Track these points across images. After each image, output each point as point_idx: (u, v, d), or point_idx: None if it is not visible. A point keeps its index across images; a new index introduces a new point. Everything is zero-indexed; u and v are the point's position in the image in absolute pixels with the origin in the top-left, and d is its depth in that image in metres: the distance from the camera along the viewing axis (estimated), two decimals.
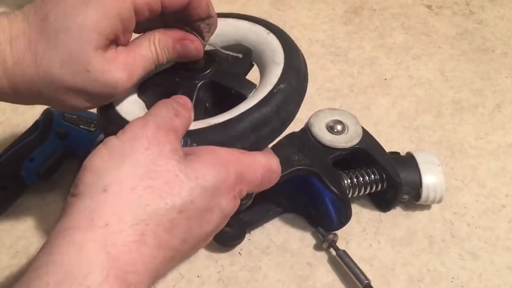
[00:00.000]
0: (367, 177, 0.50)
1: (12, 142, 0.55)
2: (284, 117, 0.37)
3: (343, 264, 0.47)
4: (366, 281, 0.45)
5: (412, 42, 0.76)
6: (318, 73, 0.71)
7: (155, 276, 0.28)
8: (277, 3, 0.84)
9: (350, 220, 0.49)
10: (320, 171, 0.47)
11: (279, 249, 0.50)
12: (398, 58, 0.73)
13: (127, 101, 0.39)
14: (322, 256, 0.50)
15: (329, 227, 0.50)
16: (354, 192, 0.50)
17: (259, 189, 0.35)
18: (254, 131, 0.35)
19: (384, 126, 0.63)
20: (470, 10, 0.82)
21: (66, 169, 0.57)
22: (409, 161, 0.51)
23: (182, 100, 0.35)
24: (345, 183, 0.49)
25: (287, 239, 0.51)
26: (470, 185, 0.56)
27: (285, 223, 0.52)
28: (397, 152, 0.54)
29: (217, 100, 0.41)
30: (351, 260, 0.47)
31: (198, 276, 0.48)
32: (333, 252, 0.49)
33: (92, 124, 0.56)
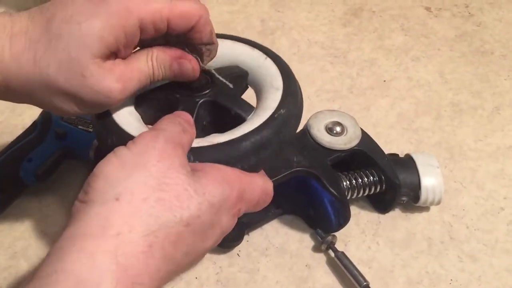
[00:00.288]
0: (366, 179, 0.50)
1: (10, 143, 0.55)
2: (282, 141, 0.39)
3: (341, 266, 0.47)
4: (365, 283, 0.45)
5: (411, 44, 0.76)
6: (317, 74, 0.71)
7: None
8: (276, 4, 0.84)
9: (349, 222, 0.49)
10: (319, 172, 0.47)
11: (278, 250, 0.50)
12: (397, 59, 0.73)
13: (124, 112, 0.40)
14: (321, 257, 0.50)
15: (328, 229, 0.50)
16: (353, 194, 0.50)
17: (254, 210, 0.36)
18: (254, 153, 0.36)
19: (383, 127, 0.63)
20: (469, 12, 0.82)
21: (65, 169, 0.57)
22: (408, 163, 0.51)
23: (186, 116, 0.35)
24: (344, 184, 0.49)
25: (286, 241, 0.51)
26: (469, 187, 0.56)
27: (284, 225, 0.52)
28: (396, 154, 0.54)
29: (215, 119, 0.42)
30: (350, 262, 0.47)
31: (196, 278, 0.48)
32: (332, 253, 0.48)
33: (90, 125, 0.56)
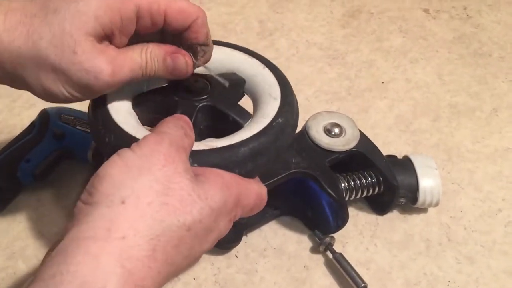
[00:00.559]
0: (364, 180, 0.50)
1: (8, 143, 0.55)
2: (279, 149, 0.39)
3: (339, 267, 0.47)
4: (363, 285, 0.45)
5: (409, 46, 0.76)
6: (316, 76, 0.71)
7: None
8: (275, 6, 0.84)
9: (347, 223, 0.49)
10: (317, 174, 0.47)
11: (276, 251, 0.50)
12: (395, 61, 0.74)
13: (123, 112, 0.40)
14: (319, 259, 0.50)
15: (326, 230, 0.50)
16: (351, 195, 0.50)
17: (249, 214, 0.36)
18: (252, 159, 0.37)
19: (382, 129, 0.63)
20: (467, 15, 0.83)
21: (63, 170, 0.57)
22: (406, 165, 0.51)
23: (186, 120, 0.35)
24: (342, 186, 0.49)
25: (284, 242, 0.51)
26: (467, 189, 0.56)
27: (282, 226, 0.52)
28: (394, 156, 0.54)
29: (212, 124, 0.42)
30: (348, 263, 0.47)
31: (194, 279, 0.48)
32: (330, 255, 0.48)
33: (88, 125, 0.55)
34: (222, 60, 0.45)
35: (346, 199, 0.50)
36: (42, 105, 0.61)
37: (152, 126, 0.34)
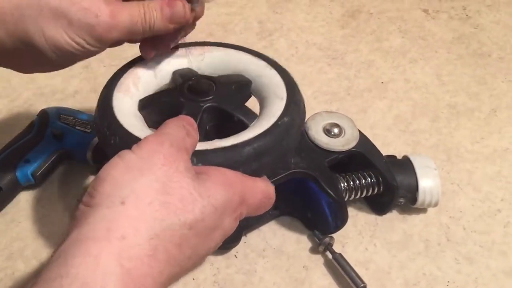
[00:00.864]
0: (363, 180, 0.50)
1: (7, 143, 0.55)
2: (285, 149, 0.39)
3: (339, 268, 0.47)
4: (362, 285, 0.45)
5: (408, 46, 0.76)
6: (315, 76, 0.71)
7: None
8: (274, 6, 0.84)
9: (347, 224, 0.49)
10: (316, 174, 0.47)
11: (275, 252, 0.50)
12: (394, 61, 0.74)
13: (129, 114, 0.41)
14: (318, 259, 0.50)
15: (325, 230, 0.50)
16: (351, 195, 0.50)
17: (255, 213, 0.36)
18: (257, 159, 0.37)
19: (381, 129, 0.63)
20: (467, 15, 0.83)
21: (62, 170, 0.57)
22: (405, 165, 0.52)
23: (190, 120, 0.35)
24: (341, 186, 0.49)
25: (283, 242, 0.51)
26: (466, 189, 0.56)
27: (281, 226, 0.52)
28: (394, 156, 0.54)
29: (217, 124, 0.43)
30: (347, 263, 0.47)
31: (193, 279, 0.48)
32: (329, 255, 0.48)
33: (88, 126, 0.55)
34: (228, 62, 0.46)
35: (346, 199, 0.50)
36: (41, 105, 0.61)
37: None
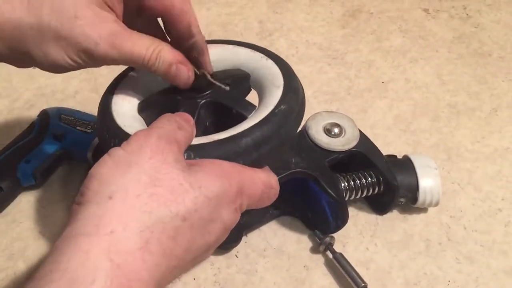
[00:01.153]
0: (364, 180, 0.50)
1: (8, 144, 0.55)
2: (284, 137, 0.39)
3: (339, 267, 0.47)
4: (362, 284, 0.45)
5: (409, 46, 0.76)
6: (315, 76, 0.71)
7: (159, 285, 0.28)
8: (274, 6, 0.84)
9: (347, 223, 0.49)
10: (317, 174, 0.47)
11: (276, 251, 0.50)
12: (395, 61, 0.74)
13: (128, 116, 0.41)
14: (319, 259, 0.50)
15: (326, 230, 0.50)
16: (351, 195, 0.50)
17: (258, 205, 0.36)
18: (255, 149, 0.36)
19: (381, 129, 0.63)
20: (467, 14, 0.83)
21: (63, 170, 0.57)
22: (406, 164, 0.51)
23: (184, 116, 0.35)
24: (342, 186, 0.49)
25: (284, 242, 0.51)
26: (466, 189, 0.56)
27: (282, 226, 0.52)
28: (394, 155, 0.54)
29: (217, 119, 0.42)
30: (348, 263, 0.47)
31: (194, 279, 0.48)
32: (330, 255, 0.48)
33: (88, 126, 0.56)
34: (226, 57, 0.46)
35: (346, 199, 0.50)
36: (42, 106, 0.61)
37: None
